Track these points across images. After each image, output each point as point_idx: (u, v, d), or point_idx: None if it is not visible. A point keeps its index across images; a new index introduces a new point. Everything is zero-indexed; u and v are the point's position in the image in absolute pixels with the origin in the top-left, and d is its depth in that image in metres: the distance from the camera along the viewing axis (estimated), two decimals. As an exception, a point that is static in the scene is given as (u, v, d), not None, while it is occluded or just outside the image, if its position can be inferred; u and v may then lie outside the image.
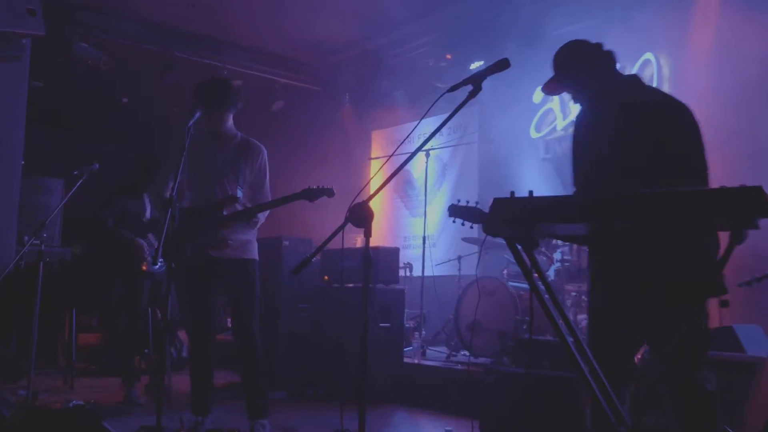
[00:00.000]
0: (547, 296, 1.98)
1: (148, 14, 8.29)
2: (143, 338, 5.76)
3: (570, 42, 3.01)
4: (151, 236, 5.65)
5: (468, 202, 3.08)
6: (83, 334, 7.37)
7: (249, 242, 4.25)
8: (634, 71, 6.76)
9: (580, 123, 2.78)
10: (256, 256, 4.29)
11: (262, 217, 4.21)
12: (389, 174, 2.48)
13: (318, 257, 6.16)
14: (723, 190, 1.44)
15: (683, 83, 6.46)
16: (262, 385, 4.19)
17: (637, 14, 6.60)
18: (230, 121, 4.29)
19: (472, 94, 2.49)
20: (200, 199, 4.21)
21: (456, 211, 3.05)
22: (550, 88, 3.05)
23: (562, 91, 3.07)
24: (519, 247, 1.65)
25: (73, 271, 6.89)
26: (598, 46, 2.97)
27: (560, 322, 1.95)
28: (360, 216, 2.34)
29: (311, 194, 4.07)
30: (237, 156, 4.25)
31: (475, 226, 7.42)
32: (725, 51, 5.99)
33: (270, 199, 4.31)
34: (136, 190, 5.76)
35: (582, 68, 2.91)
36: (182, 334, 7.41)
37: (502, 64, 2.49)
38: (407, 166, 2.52)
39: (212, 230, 4.09)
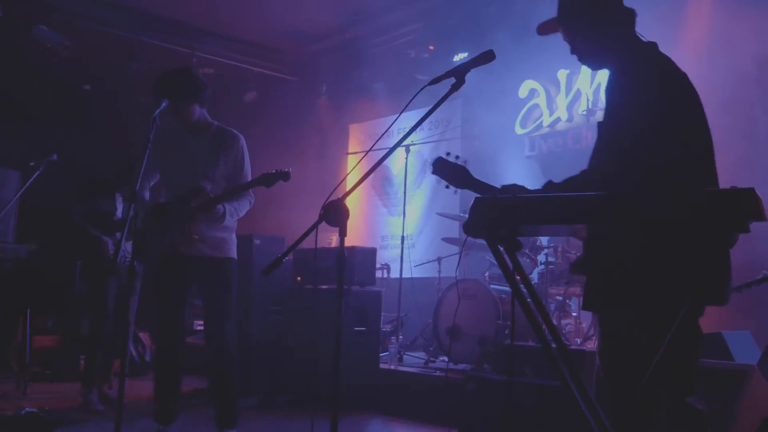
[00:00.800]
0: (530, 300, 1.98)
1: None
2: (111, 341, 5.68)
3: None
4: (118, 235, 5.60)
5: (458, 157, 2.67)
6: (38, 336, 7.25)
7: (224, 240, 4.19)
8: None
9: (627, 91, 2.32)
10: (234, 255, 4.24)
11: (232, 210, 4.12)
12: (367, 170, 2.47)
13: (290, 257, 6.15)
14: (714, 192, 1.44)
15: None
16: (232, 392, 4.15)
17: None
18: (199, 112, 4.23)
19: (455, 88, 2.49)
20: (173, 194, 4.17)
21: (441, 167, 2.58)
22: (547, 29, 2.68)
23: (566, 37, 2.61)
24: (501, 249, 1.64)
25: (28, 269, 6.77)
26: None
27: (544, 327, 1.95)
28: (335, 214, 2.32)
29: (268, 179, 4.01)
30: (213, 146, 4.20)
31: (456, 224, 7.51)
32: (718, 48, 6.04)
33: (251, 194, 4.26)
34: (108, 187, 5.71)
35: (610, 16, 2.52)
36: (145, 337, 7.34)
37: (487, 56, 2.49)
38: (386, 162, 2.50)
39: (179, 225, 4.04)
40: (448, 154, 2.69)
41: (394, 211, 9.19)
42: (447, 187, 2.61)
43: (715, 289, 2.01)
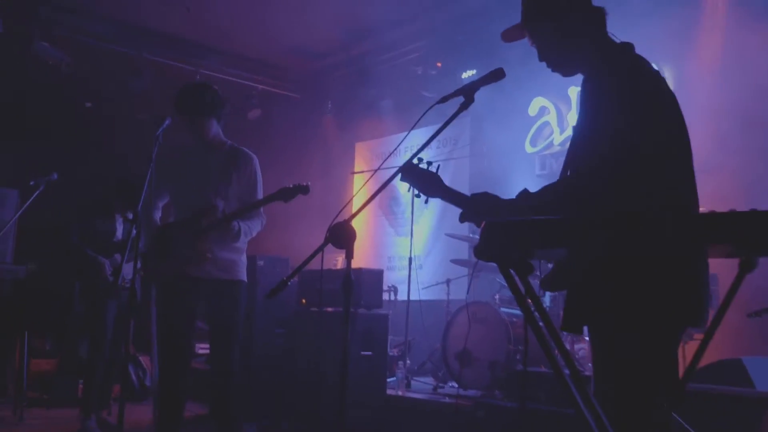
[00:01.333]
0: (542, 324, 1.97)
1: (117, 12, 8.29)
2: (110, 366, 5.68)
3: None
4: (117, 257, 5.63)
5: (430, 164, 2.54)
6: (36, 360, 7.25)
7: (235, 262, 4.18)
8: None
9: (600, 99, 2.23)
10: (245, 278, 4.23)
11: (247, 229, 4.13)
12: (373, 190, 2.48)
13: (295, 279, 6.14)
14: (733, 215, 1.44)
15: (689, 96, 6.51)
16: (234, 419, 4.13)
17: (640, 23, 6.68)
18: (215, 128, 4.26)
19: (464, 107, 2.51)
20: (184, 213, 4.17)
21: (410, 174, 2.46)
22: (511, 36, 2.56)
23: (532, 43, 2.51)
24: (512, 272, 1.64)
25: (26, 291, 6.79)
26: None
27: (556, 352, 1.94)
28: (341, 236, 2.33)
29: (287, 193, 4.03)
30: (226, 165, 4.22)
31: (465, 245, 7.50)
32: (733, 63, 6.06)
33: (263, 215, 4.27)
34: (107, 208, 5.75)
35: (574, 19, 2.39)
36: (145, 361, 7.32)
37: (497, 75, 2.51)
38: (393, 182, 2.50)
39: (189, 244, 4.03)
40: (420, 160, 2.56)
41: (401, 231, 9.19)
42: (417, 195, 2.52)
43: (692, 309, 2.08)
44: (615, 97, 2.19)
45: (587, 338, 5.97)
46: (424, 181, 2.46)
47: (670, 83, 6.91)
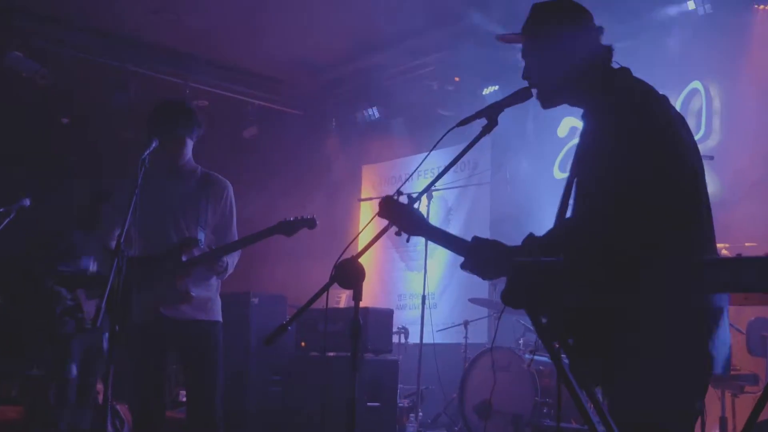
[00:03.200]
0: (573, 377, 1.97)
1: (99, 21, 8.38)
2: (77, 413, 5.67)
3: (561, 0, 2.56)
4: (80, 292, 5.62)
5: (411, 197, 2.50)
6: (1, 406, 7.23)
7: (210, 300, 4.20)
8: (679, 102, 6.89)
9: (613, 134, 2.24)
10: (220, 318, 4.25)
11: (231, 264, 4.16)
12: (383, 221, 2.49)
13: (294, 318, 6.13)
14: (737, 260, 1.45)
15: (737, 117, 6.55)
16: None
17: (683, 37, 6.76)
18: (189, 152, 4.29)
19: (486, 130, 2.54)
20: (152, 245, 4.18)
21: (388, 209, 2.44)
22: (509, 39, 2.64)
23: (523, 56, 2.56)
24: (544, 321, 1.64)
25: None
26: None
27: (588, 405, 1.93)
28: (348, 275, 2.33)
29: (289, 227, 4.06)
30: (197, 194, 4.24)
31: (485, 283, 7.47)
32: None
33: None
34: (70, 250, 5.76)
35: (581, 50, 2.45)
36: (123, 410, 7.29)
37: (523, 95, 2.54)
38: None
39: (167, 281, 4.05)
40: (399, 194, 2.52)
41: (413, 266, 9.19)
42: (398, 233, 2.50)
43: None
44: (619, 135, 2.21)
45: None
46: (404, 217, 2.45)
47: (716, 103, 6.94)
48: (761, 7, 6.41)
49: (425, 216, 2.55)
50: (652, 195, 2.12)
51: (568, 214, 2.40)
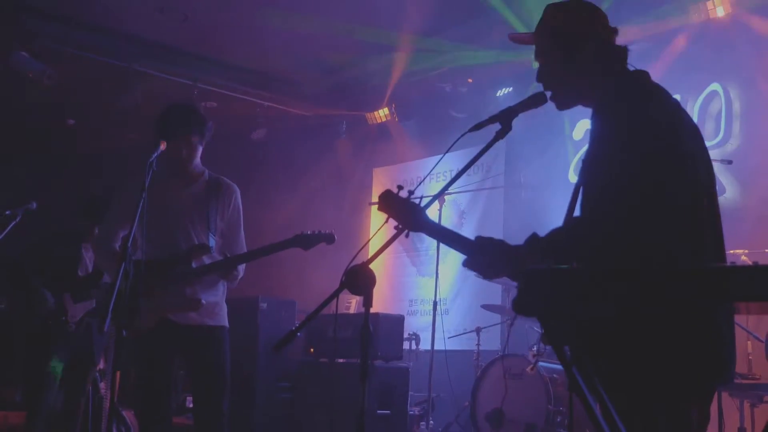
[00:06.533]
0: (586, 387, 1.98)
1: (105, 20, 8.43)
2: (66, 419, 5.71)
3: (576, 2, 2.59)
4: (67, 296, 5.67)
5: (411, 192, 2.53)
6: (6, 412, 7.28)
7: (217, 305, 4.24)
8: (697, 105, 6.89)
9: (625, 136, 2.26)
10: (226, 323, 4.29)
11: (241, 270, 4.22)
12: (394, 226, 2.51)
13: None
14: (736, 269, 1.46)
15: (758, 121, 6.54)
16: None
17: (703, 39, 6.77)
18: (198, 156, 4.33)
19: (500, 135, 2.57)
20: (158, 250, 4.21)
21: (388, 203, 2.47)
22: (521, 39, 2.73)
23: (537, 59, 2.61)
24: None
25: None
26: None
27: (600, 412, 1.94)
28: (359, 281, 2.36)
29: (306, 241, 4.10)
30: (205, 198, 4.28)
31: (498, 288, 7.47)
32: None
33: (245, 250, 4.32)
34: (71, 233, 5.79)
35: (594, 50, 2.48)
36: (129, 416, 7.33)
37: (538, 99, 2.57)
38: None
39: (175, 288, 4.09)
40: (400, 188, 2.56)
41: (424, 270, 9.20)
42: (396, 227, 2.53)
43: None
44: (623, 140, 2.24)
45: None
46: (404, 212, 2.48)
47: (736, 105, 6.92)
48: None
49: (437, 219, 2.58)
50: (648, 203, 2.14)
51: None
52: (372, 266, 2.47)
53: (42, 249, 5.60)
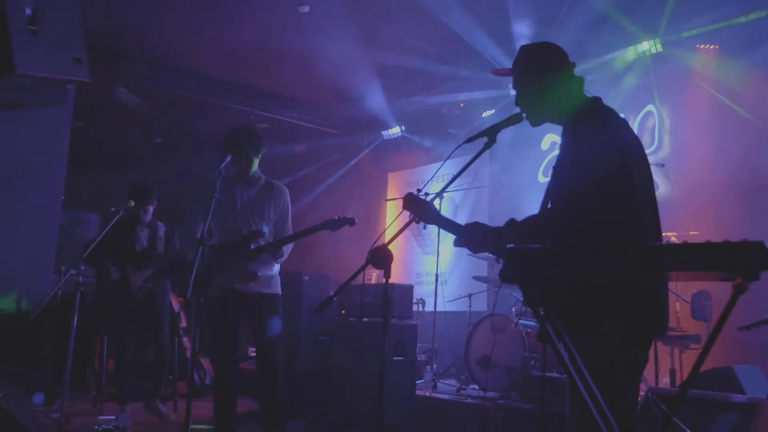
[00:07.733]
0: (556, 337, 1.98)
1: (185, 63, 8.48)
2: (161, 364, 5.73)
3: (543, 44, 2.59)
4: (129, 268, 5.66)
5: (427, 194, 2.55)
6: (114, 359, 7.34)
7: (273, 278, 4.28)
8: (637, 121, 6.84)
9: (590, 143, 2.28)
10: (280, 291, 4.32)
11: (287, 251, 4.25)
12: (406, 216, 2.52)
13: (333, 290, 6.16)
14: (728, 245, 1.45)
15: (683, 133, 6.49)
16: (280, 415, 4.16)
17: (641, 69, 6.73)
18: (256, 165, 4.36)
19: (487, 146, 2.56)
20: (228, 236, 4.25)
21: (410, 203, 2.48)
22: (501, 73, 2.69)
23: (515, 86, 2.59)
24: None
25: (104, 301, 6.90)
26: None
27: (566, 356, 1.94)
28: (380, 258, 2.37)
29: (333, 224, 4.10)
30: (262, 196, 4.31)
31: (484, 263, 7.47)
32: (724, 105, 6.03)
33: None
34: (128, 222, 5.75)
35: (560, 77, 2.50)
36: (206, 363, 7.39)
37: (516, 118, 2.57)
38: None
39: (240, 264, 4.12)
40: (418, 191, 2.61)
41: (428, 250, 9.19)
42: (416, 221, 2.53)
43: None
44: (594, 143, 2.26)
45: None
46: (423, 209, 2.48)
47: (666, 122, 6.80)
48: (702, 46, 6.35)
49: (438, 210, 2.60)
50: (605, 195, 2.18)
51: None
52: (389, 247, 2.48)
53: (107, 236, 5.48)
